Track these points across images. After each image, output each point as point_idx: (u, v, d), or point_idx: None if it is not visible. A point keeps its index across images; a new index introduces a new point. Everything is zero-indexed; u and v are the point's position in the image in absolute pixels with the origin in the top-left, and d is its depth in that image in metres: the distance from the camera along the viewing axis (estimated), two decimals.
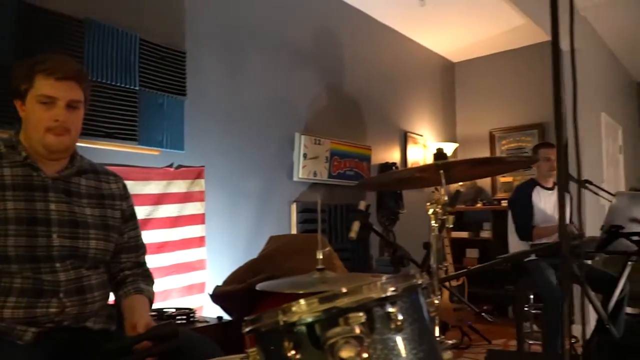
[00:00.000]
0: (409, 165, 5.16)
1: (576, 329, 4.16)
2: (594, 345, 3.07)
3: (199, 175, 3.08)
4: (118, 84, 2.70)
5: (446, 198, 1.25)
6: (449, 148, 5.35)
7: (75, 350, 1.44)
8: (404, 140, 5.16)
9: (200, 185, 3.08)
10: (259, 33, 3.64)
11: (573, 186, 3.70)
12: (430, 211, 1.26)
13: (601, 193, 3.35)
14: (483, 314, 2.93)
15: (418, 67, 5.55)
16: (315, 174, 3.90)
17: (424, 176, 1.42)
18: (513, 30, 4.99)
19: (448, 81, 6.06)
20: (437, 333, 1.25)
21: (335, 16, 4.43)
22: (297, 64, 3.95)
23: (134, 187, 1.75)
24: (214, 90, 3.28)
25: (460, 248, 5.55)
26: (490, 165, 1.70)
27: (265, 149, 3.63)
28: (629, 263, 2.97)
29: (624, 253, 2.92)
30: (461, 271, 3.42)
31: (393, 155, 5.00)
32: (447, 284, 4.18)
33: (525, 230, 3.39)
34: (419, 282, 0.93)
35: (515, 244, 3.51)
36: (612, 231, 2.76)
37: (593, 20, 4.87)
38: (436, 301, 0.98)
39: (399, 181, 1.91)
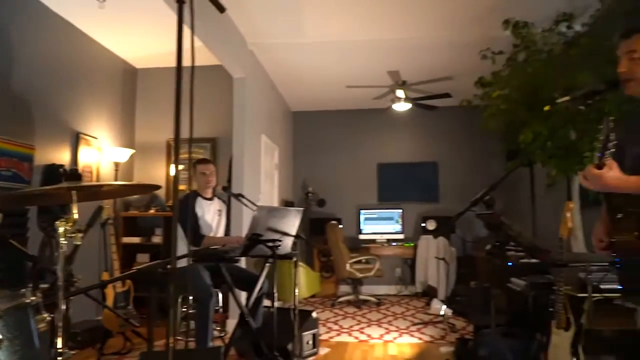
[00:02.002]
0: (80, 167, 4.92)
1: (230, 323, 4.75)
2: (237, 336, 3.59)
3: None
4: None
5: (77, 216, 1.32)
6: (125, 153, 5.32)
7: None
8: (75, 141, 4.88)
9: None
10: None
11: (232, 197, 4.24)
12: (61, 229, 1.29)
13: (251, 205, 3.95)
14: (128, 320, 3.06)
15: (97, 68, 5.35)
16: None
17: (60, 193, 1.45)
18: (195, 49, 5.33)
19: (129, 86, 6.02)
20: (60, 344, 1.31)
21: (7, 1, 3.90)
22: None
23: None
24: None
25: (131, 253, 5.58)
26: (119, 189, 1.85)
27: None
28: (267, 265, 3.60)
29: (263, 256, 3.53)
30: (105, 280, 3.49)
31: (62, 156, 4.68)
32: (112, 288, 4.14)
33: (196, 237, 3.73)
34: (28, 300, 0.99)
35: (181, 249, 3.78)
36: (253, 238, 3.30)
37: (259, 54, 5.65)
38: (48, 317, 1.05)
39: (33, 197, 1.85)
